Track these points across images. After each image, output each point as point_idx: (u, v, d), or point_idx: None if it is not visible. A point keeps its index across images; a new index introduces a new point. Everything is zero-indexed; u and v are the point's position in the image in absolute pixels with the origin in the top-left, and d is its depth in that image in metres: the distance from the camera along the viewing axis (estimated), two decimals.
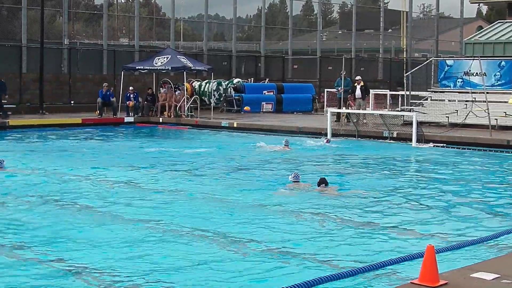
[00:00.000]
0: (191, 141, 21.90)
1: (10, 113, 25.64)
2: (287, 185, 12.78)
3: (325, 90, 32.74)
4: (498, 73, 25.08)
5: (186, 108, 28.07)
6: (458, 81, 25.89)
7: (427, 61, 27.80)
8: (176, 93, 28.47)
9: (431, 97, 26.39)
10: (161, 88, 29.26)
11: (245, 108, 23.87)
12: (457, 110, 23.81)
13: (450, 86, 26.18)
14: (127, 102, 28.01)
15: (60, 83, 30.39)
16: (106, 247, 8.32)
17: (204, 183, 13.31)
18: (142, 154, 17.89)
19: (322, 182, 12.33)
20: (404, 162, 17.52)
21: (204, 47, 38.85)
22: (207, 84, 32.10)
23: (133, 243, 8.54)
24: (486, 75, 24.20)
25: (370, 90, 29.53)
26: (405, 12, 50.20)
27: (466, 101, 24.33)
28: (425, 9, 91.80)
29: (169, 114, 27.86)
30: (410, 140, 20.46)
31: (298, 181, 12.84)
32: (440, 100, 25.94)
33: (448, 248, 8.07)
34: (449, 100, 25.49)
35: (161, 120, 27.38)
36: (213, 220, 9.89)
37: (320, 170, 15.27)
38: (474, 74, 25.08)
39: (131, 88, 28.32)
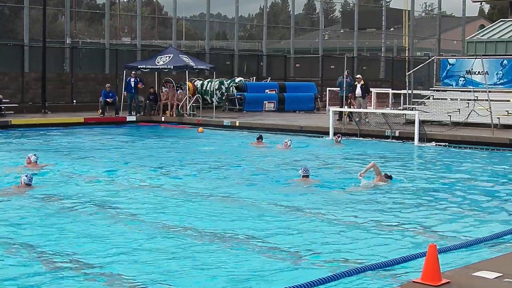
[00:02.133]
0: (193, 140, 21.88)
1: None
2: (296, 179, 12.82)
3: (327, 89, 32.77)
4: (500, 72, 25.05)
5: (188, 107, 28.08)
6: (460, 80, 25.85)
7: (429, 60, 27.78)
8: (178, 92, 28.48)
9: (433, 95, 26.36)
10: (163, 87, 29.28)
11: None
12: (459, 109, 23.77)
13: (452, 85, 26.15)
14: (138, 84, 27.54)
15: (62, 82, 30.44)
16: (115, 246, 8.35)
17: (211, 181, 13.30)
18: (146, 154, 17.87)
19: (389, 177, 13.06)
20: (406, 161, 17.50)
21: (206, 46, 38.90)
22: (209, 83, 32.13)
23: (134, 242, 8.56)
24: (488, 74, 24.19)
25: (373, 89, 29.51)
26: (407, 11, 50.19)
27: (468, 100, 24.32)
28: (427, 8, 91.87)
29: (171, 113, 27.86)
30: (412, 139, 20.45)
31: (308, 176, 12.86)
32: (442, 99, 25.91)
33: (450, 247, 8.07)
34: (451, 99, 25.46)
35: (163, 119, 27.38)
36: (218, 220, 9.90)
37: (322, 168, 15.27)
38: (476, 73, 25.06)
39: (133, 72, 28.12)
